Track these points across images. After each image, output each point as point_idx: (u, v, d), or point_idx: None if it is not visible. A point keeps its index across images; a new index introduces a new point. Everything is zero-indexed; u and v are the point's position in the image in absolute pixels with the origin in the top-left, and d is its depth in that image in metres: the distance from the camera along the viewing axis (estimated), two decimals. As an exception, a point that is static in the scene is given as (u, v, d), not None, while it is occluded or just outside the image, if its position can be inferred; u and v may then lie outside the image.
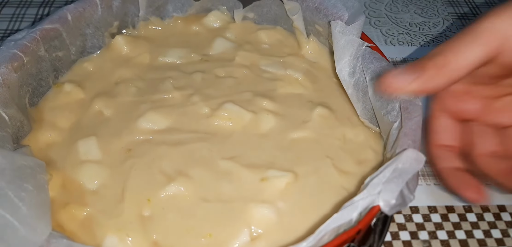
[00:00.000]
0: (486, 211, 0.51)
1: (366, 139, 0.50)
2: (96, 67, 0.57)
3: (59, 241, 0.34)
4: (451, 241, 0.49)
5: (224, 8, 0.65)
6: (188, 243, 0.41)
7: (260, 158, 0.47)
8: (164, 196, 0.43)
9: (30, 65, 0.49)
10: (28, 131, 0.48)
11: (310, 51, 0.61)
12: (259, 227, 0.41)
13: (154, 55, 0.60)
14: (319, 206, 0.43)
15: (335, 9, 0.55)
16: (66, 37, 0.54)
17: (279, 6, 0.62)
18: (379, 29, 0.79)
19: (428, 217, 0.51)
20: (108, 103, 0.52)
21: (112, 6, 0.58)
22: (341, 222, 0.34)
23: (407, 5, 0.85)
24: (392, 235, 0.49)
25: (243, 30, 0.64)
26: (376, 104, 0.48)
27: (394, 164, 0.37)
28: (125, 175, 0.45)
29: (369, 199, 0.36)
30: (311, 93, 0.55)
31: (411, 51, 0.74)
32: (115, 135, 0.49)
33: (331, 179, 0.46)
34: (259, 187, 0.44)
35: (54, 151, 0.48)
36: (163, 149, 0.47)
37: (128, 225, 0.41)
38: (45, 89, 0.53)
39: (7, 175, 0.36)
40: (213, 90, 0.55)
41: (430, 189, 0.54)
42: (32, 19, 0.77)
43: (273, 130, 0.50)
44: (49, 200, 0.39)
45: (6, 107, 0.44)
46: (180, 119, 0.51)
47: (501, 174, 0.41)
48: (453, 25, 0.81)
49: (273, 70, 0.58)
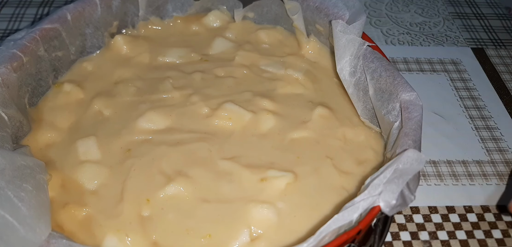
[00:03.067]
0: (486, 211, 0.51)
1: (366, 139, 0.50)
2: (95, 67, 0.57)
3: (59, 241, 0.34)
4: (452, 241, 0.49)
5: (224, 8, 0.65)
6: (188, 243, 0.40)
7: (260, 158, 0.47)
8: (163, 196, 0.43)
9: (29, 65, 0.49)
10: (27, 131, 0.48)
11: (310, 51, 0.61)
12: (259, 227, 0.41)
13: (154, 55, 0.60)
14: (319, 206, 0.43)
15: (336, 8, 0.54)
16: (65, 37, 0.54)
17: (279, 6, 0.62)
18: (380, 28, 0.79)
19: (429, 217, 0.50)
20: (107, 103, 0.52)
21: (111, 6, 0.58)
22: (342, 223, 0.34)
23: (408, 5, 0.85)
24: (393, 236, 0.49)
25: (243, 30, 0.64)
26: (377, 104, 0.48)
27: (395, 164, 0.37)
28: (124, 175, 0.45)
29: (370, 199, 0.35)
30: (311, 93, 0.55)
31: (412, 51, 0.74)
32: (114, 134, 0.49)
33: (331, 179, 0.46)
34: (259, 187, 0.44)
35: (53, 151, 0.47)
36: (163, 149, 0.47)
37: (128, 225, 0.41)
38: (44, 89, 0.53)
39: (7, 175, 0.36)
40: (212, 90, 0.54)
41: (430, 189, 0.53)
42: (31, 19, 0.76)
43: (273, 130, 0.50)
44: (48, 200, 0.39)
45: (5, 107, 0.44)
46: (180, 119, 0.51)
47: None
48: (454, 25, 0.80)
49: (273, 70, 0.58)
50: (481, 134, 0.60)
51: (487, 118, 0.63)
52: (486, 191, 0.54)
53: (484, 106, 0.64)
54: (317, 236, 0.33)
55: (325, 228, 0.34)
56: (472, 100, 0.65)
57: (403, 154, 0.38)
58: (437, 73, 0.70)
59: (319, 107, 0.52)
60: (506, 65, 0.72)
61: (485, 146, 0.59)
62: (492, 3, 0.86)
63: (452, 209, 0.51)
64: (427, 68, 0.71)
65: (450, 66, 0.71)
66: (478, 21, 0.82)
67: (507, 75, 0.70)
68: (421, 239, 0.49)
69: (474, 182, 0.55)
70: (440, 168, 0.56)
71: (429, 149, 0.58)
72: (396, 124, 0.45)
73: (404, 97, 0.45)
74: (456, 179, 0.55)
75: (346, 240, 0.35)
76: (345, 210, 0.35)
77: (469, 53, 0.74)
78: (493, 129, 0.61)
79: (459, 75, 0.69)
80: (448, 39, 0.77)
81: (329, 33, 0.56)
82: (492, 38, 0.78)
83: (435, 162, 0.56)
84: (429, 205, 0.52)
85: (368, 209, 0.36)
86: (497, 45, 0.76)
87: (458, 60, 0.72)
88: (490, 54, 0.74)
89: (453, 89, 0.67)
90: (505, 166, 0.56)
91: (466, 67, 0.71)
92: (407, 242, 0.48)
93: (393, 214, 0.41)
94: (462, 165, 0.56)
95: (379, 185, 0.36)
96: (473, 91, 0.67)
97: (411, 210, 0.51)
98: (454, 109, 0.64)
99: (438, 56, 0.73)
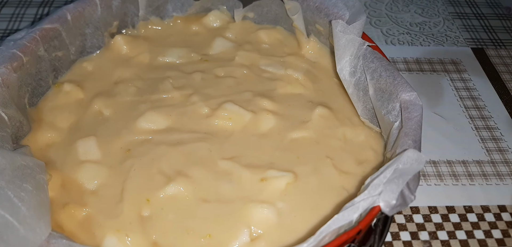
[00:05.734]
0: (486, 211, 0.51)
1: (366, 139, 0.50)
2: (95, 67, 0.57)
3: (59, 241, 0.34)
4: (452, 241, 0.49)
5: (224, 8, 0.65)
6: (188, 243, 0.40)
7: (260, 158, 0.47)
8: (163, 196, 0.43)
9: (29, 65, 0.49)
10: (27, 131, 0.48)
11: (310, 51, 0.61)
12: (259, 227, 0.41)
13: (154, 55, 0.60)
14: (319, 206, 0.43)
15: (336, 8, 0.54)
16: (65, 37, 0.54)
17: (279, 6, 0.62)
18: (380, 28, 0.79)
19: (429, 217, 0.50)
20: (107, 103, 0.52)
21: (111, 6, 0.58)
22: (342, 223, 0.34)
23: (408, 5, 0.85)
24: (393, 236, 0.49)
25: (243, 30, 0.64)
26: (377, 104, 0.48)
27: (395, 164, 0.37)
28: (124, 175, 0.45)
29: (370, 199, 0.35)
30: (311, 93, 0.55)
31: (412, 51, 0.74)
32: (114, 134, 0.49)
33: (331, 179, 0.46)
34: (259, 187, 0.44)
35: (53, 151, 0.47)
36: (163, 149, 0.47)
37: (128, 225, 0.41)
38: (44, 89, 0.53)
39: (7, 175, 0.36)
40: (212, 90, 0.54)
41: (430, 189, 0.53)
42: (31, 19, 0.76)
43: (273, 130, 0.50)
44: (48, 200, 0.39)
45: (5, 107, 0.44)
46: (180, 119, 0.51)
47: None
48: (454, 25, 0.80)
49: (273, 70, 0.58)
50: (481, 134, 0.60)
51: (487, 118, 0.63)
52: (486, 191, 0.54)
53: (484, 106, 0.64)
54: (317, 236, 0.33)
55: (325, 228, 0.34)
56: (472, 100, 0.65)
57: (403, 154, 0.38)
58: (437, 73, 0.70)
59: (319, 107, 0.52)
60: (506, 65, 0.72)
61: (485, 146, 0.59)
62: (492, 3, 0.86)
63: (452, 209, 0.51)
64: (427, 68, 0.71)
65: (450, 66, 0.71)
66: (478, 21, 0.82)
67: (507, 75, 0.70)
68: (421, 239, 0.49)
69: (474, 182, 0.55)
70: (440, 168, 0.56)
71: (429, 149, 0.58)
72: (396, 124, 0.45)
73: (404, 97, 0.45)
74: (456, 179, 0.55)
75: (346, 240, 0.35)
76: (345, 210, 0.35)
77: (469, 53, 0.74)
78: (493, 129, 0.61)
79: (459, 75, 0.69)
80: (448, 39, 0.77)
81: (329, 33, 0.56)
82: (492, 38, 0.78)
83: (435, 162, 0.56)
84: (429, 205, 0.52)
85: (368, 209, 0.36)
86: (497, 45, 0.76)
87: (458, 60, 0.72)
88: (490, 54, 0.74)
89: (453, 89, 0.67)
90: (505, 166, 0.56)
91: (466, 67, 0.71)
92: (407, 242, 0.48)
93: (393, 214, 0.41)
94: (462, 165, 0.56)
95: (379, 185, 0.36)
96: (473, 91, 0.67)
97: (411, 210, 0.51)
98: (454, 109, 0.64)
99: (438, 56, 0.73)
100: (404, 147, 0.40)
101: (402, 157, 0.38)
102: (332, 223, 0.34)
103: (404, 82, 0.46)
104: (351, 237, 0.35)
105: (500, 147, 0.59)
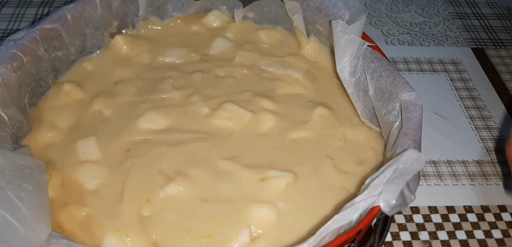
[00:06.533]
0: (486, 211, 0.51)
1: (366, 138, 0.50)
2: (95, 67, 0.57)
3: (59, 241, 0.34)
4: (452, 241, 0.49)
5: (224, 8, 0.65)
6: (188, 243, 0.40)
7: (260, 158, 0.47)
8: (163, 196, 0.43)
9: (29, 65, 0.49)
10: (27, 131, 0.48)
11: (310, 51, 0.61)
12: (259, 227, 0.41)
13: (154, 55, 0.60)
14: (319, 206, 0.43)
15: (336, 8, 0.54)
16: (65, 37, 0.54)
17: (279, 6, 0.62)
18: (380, 28, 0.79)
19: (429, 217, 0.50)
20: (107, 103, 0.52)
21: (111, 6, 0.58)
22: (342, 223, 0.34)
23: (408, 5, 0.85)
24: (393, 236, 0.49)
25: (243, 30, 0.64)
26: (377, 104, 0.48)
27: (395, 164, 0.37)
28: (124, 175, 0.45)
29: (370, 199, 0.35)
30: (311, 93, 0.55)
31: (412, 51, 0.74)
32: (114, 134, 0.49)
33: (331, 179, 0.46)
34: (259, 187, 0.44)
35: (53, 151, 0.47)
36: (163, 149, 0.47)
37: (128, 225, 0.41)
38: (44, 89, 0.53)
39: (7, 175, 0.36)
40: (212, 90, 0.54)
41: (430, 189, 0.53)
42: (31, 19, 0.76)
43: (273, 130, 0.50)
44: (48, 200, 0.39)
45: (5, 107, 0.44)
46: (180, 119, 0.51)
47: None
48: (454, 25, 0.80)
49: (273, 70, 0.58)
50: (481, 134, 0.60)
51: (487, 118, 0.63)
52: (486, 191, 0.54)
53: (484, 106, 0.64)
54: (317, 236, 0.33)
55: (325, 228, 0.34)
56: (472, 100, 0.65)
57: (403, 154, 0.38)
58: (437, 73, 0.70)
59: (319, 107, 0.52)
60: (506, 65, 0.72)
61: (485, 146, 0.59)
62: (492, 3, 0.86)
63: (452, 209, 0.51)
64: (427, 68, 0.71)
65: (450, 66, 0.71)
66: (478, 21, 0.82)
67: (507, 75, 0.70)
68: (421, 239, 0.49)
69: (474, 182, 0.55)
70: (440, 168, 0.56)
71: (429, 149, 0.58)
72: (396, 124, 0.45)
73: (404, 97, 0.45)
74: (456, 179, 0.55)
75: (346, 240, 0.35)
76: (345, 210, 0.35)
77: (469, 53, 0.74)
78: (493, 129, 0.61)
79: (459, 75, 0.69)
80: (448, 39, 0.77)
81: (329, 33, 0.56)
82: (492, 38, 0.78)
83: (435, 162, 0.56)
84: (429, 205, 0.52)
85: (368, 209, 0.36)
86: (497, 45, 0.76)
87: (458, 60, 0.72)
88: (490, 54, 0.74)
89: (453, 89, 0.67)
90: (505, 166, 0.56)
91: (466, 67, 0.71)
92: (407, 242, 0.48)
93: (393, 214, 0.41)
94: (462, 165, 0.56)
95: (379, 185, 0.36)
96: (473, 91, 0.67)
97: (411, 210, 0.51)
98: (454, 109, 0.64)
99: (438, 56, 0.73)
100: (404, 147, 0.40)
101: (402, 157, 0.38)
102: (332, 223, 0.34)
103: (404, 82, 0.46)
104: (351, 237, 0.35)
105: (500, 147, 0.59)
